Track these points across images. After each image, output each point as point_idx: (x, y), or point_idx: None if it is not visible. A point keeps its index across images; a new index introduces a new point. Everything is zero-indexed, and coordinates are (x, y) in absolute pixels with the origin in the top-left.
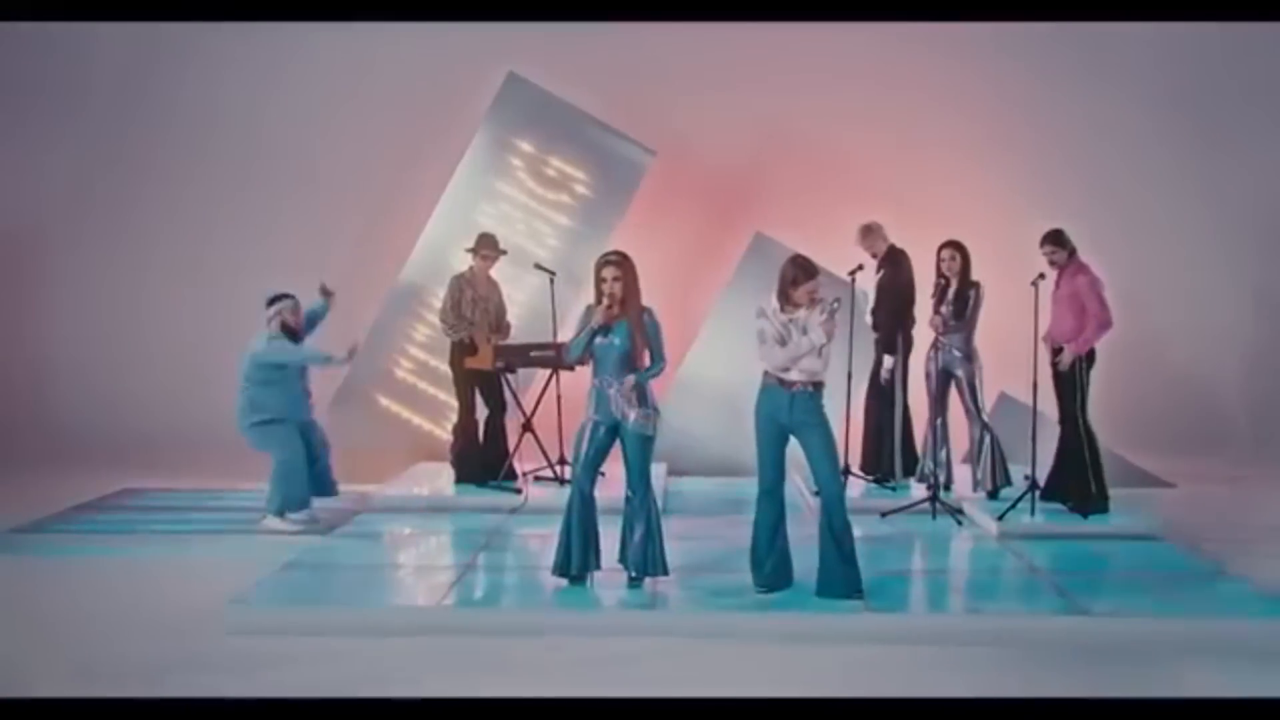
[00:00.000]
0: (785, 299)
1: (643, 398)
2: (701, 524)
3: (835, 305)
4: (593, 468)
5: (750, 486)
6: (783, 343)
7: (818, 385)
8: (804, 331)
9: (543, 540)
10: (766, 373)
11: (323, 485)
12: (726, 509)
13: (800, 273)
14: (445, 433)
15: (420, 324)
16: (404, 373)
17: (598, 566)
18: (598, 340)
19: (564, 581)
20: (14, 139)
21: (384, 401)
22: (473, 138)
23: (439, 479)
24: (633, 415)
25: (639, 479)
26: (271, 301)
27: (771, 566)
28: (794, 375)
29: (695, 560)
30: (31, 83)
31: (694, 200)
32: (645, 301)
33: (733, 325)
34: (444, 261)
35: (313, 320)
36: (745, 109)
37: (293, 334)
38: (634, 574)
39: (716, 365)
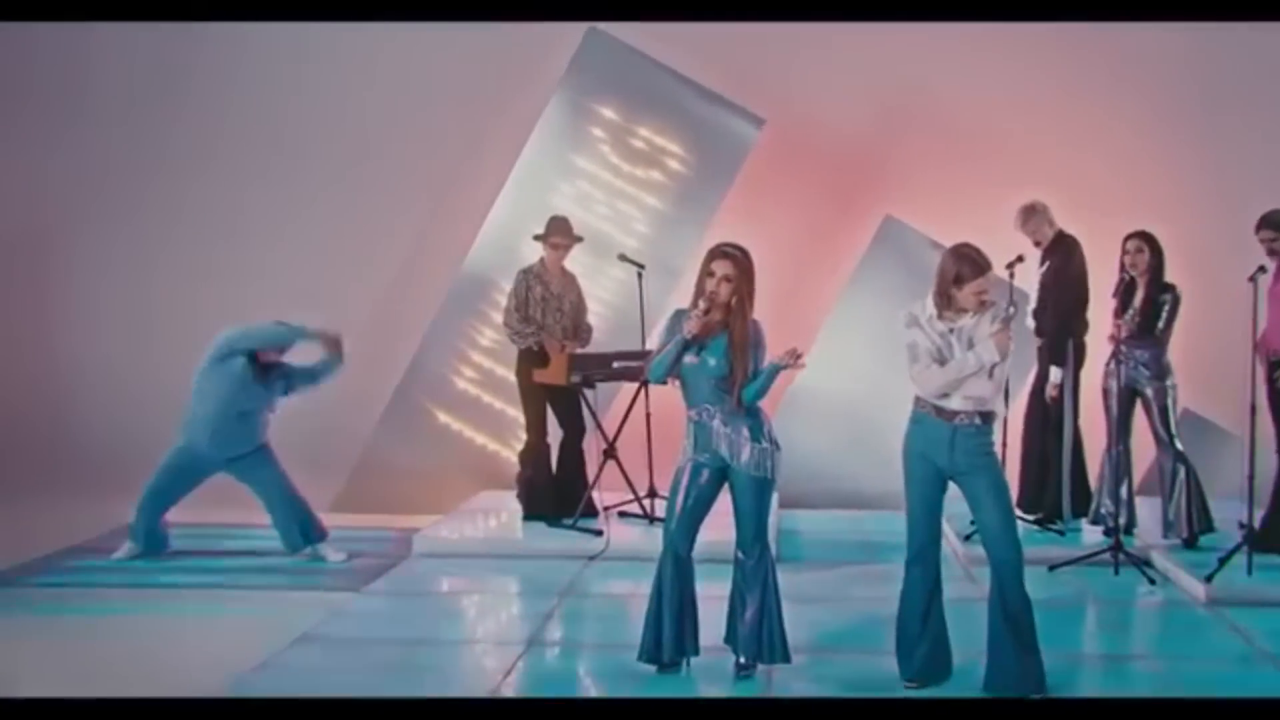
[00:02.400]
0: (946, 302)
1: (757, 430)
2: (824, 578)
3: (1011, 311)
4: (692, 524)
5: (880, 522)
6: (941, 360)
7: (987, 417)
8: (969, 345)
9: (629, 601)
10: (919, 400)
11: None
12: (853, 555)
13: (966, 268)
14: (514, 455)
15: (485, 325)
16: (465, 383)
17: (696, 651)
18: (687, 358)
19: (654, 669)
20: (55, 139)
21: (442, 417)
22: (546, 105)
23: (503, 514)
24: (745, 454)
25: (754, 537)
26: None
27: (924, 654)
28: (956, 403)
29: (821, 634)
30: (90, 80)
31: (810, 178)
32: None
33: (855, 328)
34: (512, 251)
35: (309, 377)
36: (871, 69)
37: (264, 369)
38: (745, 661)
39: (836, 377)
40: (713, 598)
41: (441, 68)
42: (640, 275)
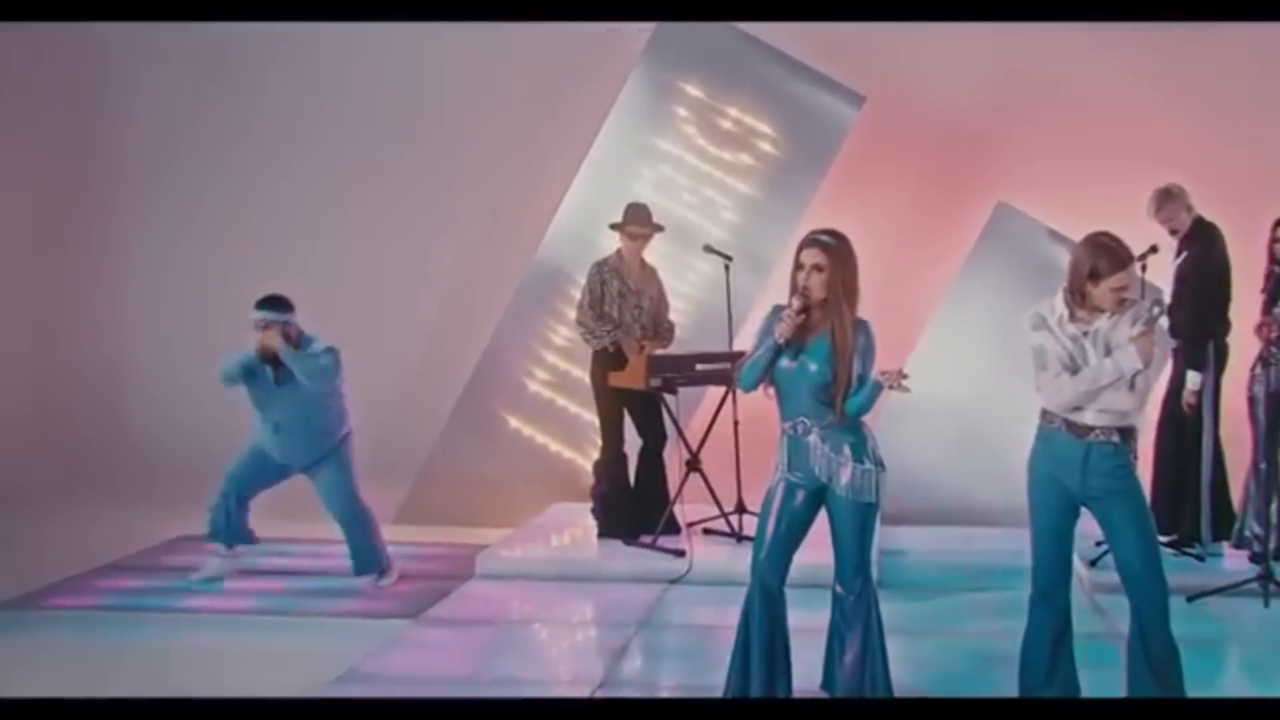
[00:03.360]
0: (1079, 301)
1: (859, 448)
2: (932, 608)
3: (1156, 311)
4: (783, 552)
5: (994, 541)
6: (1074, 368)
7: (1126, 433)
8: (1106, 351)
9: (713, 635)
10: (1047, 414)
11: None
12: (965, 580)
13: (1104, 261)
14: (590, 464)
15: (559, 322)
16: (538, 385)
17: (788, 694)
18: (783, 362)
19: None
20: (122, 134)
21: (512, 422)
22: (625, 81)
23: (576, 531)
24: (845, 475)
25: (854, 570)
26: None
27: None
28: (1090, 417)
29: (931, 675)
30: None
31: (915, 161)
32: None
33: (965, 326)
34: (589, 241)
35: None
36: (982, 40)
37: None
38: None
39: (943, 379)
40: (808, 630)
41: (511, 43)
42: (728, 268)
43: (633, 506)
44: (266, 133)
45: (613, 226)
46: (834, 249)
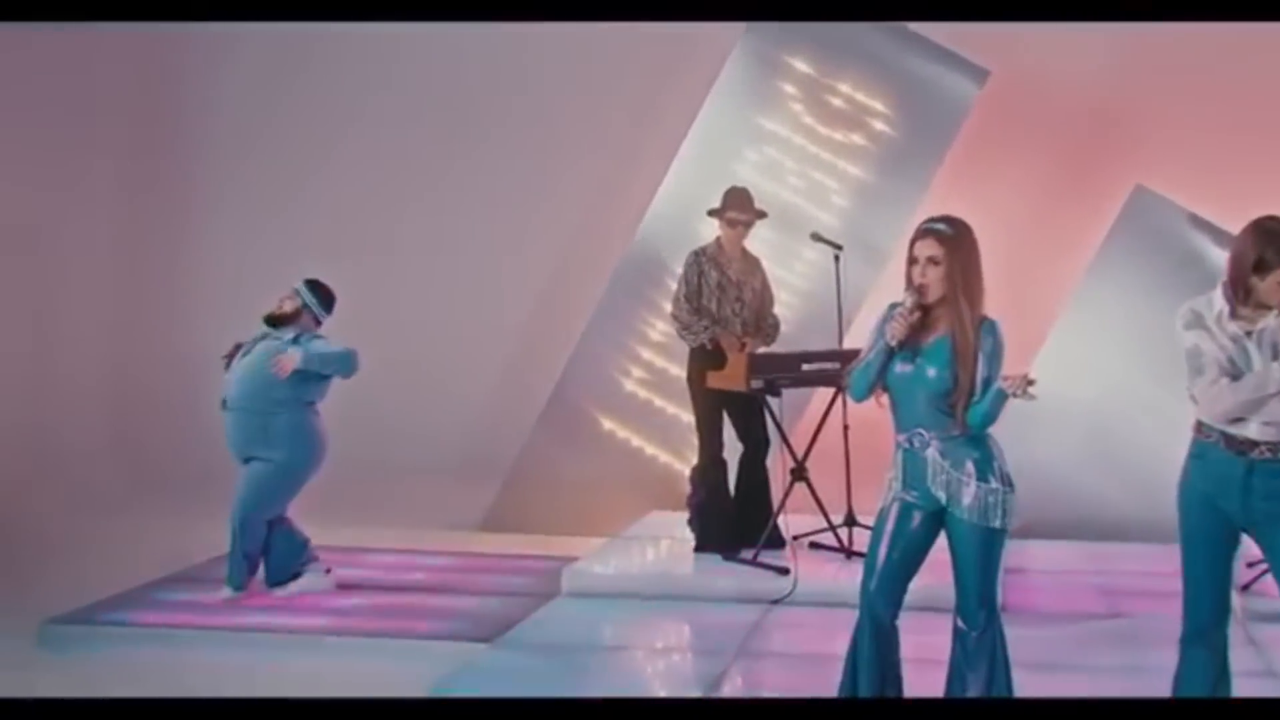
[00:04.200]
0: (1243, 296)
1: (985, 464)
2: (1062, 636)
3: None
4: (896, 582)
5: (1130, 558)
6: (1235, 374)
7: None
8: (1275, 354)
9: (819, 665)
10: (1202, 426)
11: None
12: (1099, 604)
13: (1273, 251)
14: (689, 469)
15: (656, 316)
16: (633, 384)
17: None
18: (897, 367)
19: None
20: (192, 129)
21: (606, 423)
22: (727, 57)
23: (672, 544)
24: (968, 495)
25: (978, 602)
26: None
27: None
28: (1253, 430)
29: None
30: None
31: (1043, 142)
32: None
33: (1098, 321)
34: (689, 228)
35: None
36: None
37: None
38: None
39: (1074, 380)
40: (924, 660)
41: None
42: (838, 258)
43: (732, 518)
44: (355, 129)
45: (711, 213)
46: (952, 239)
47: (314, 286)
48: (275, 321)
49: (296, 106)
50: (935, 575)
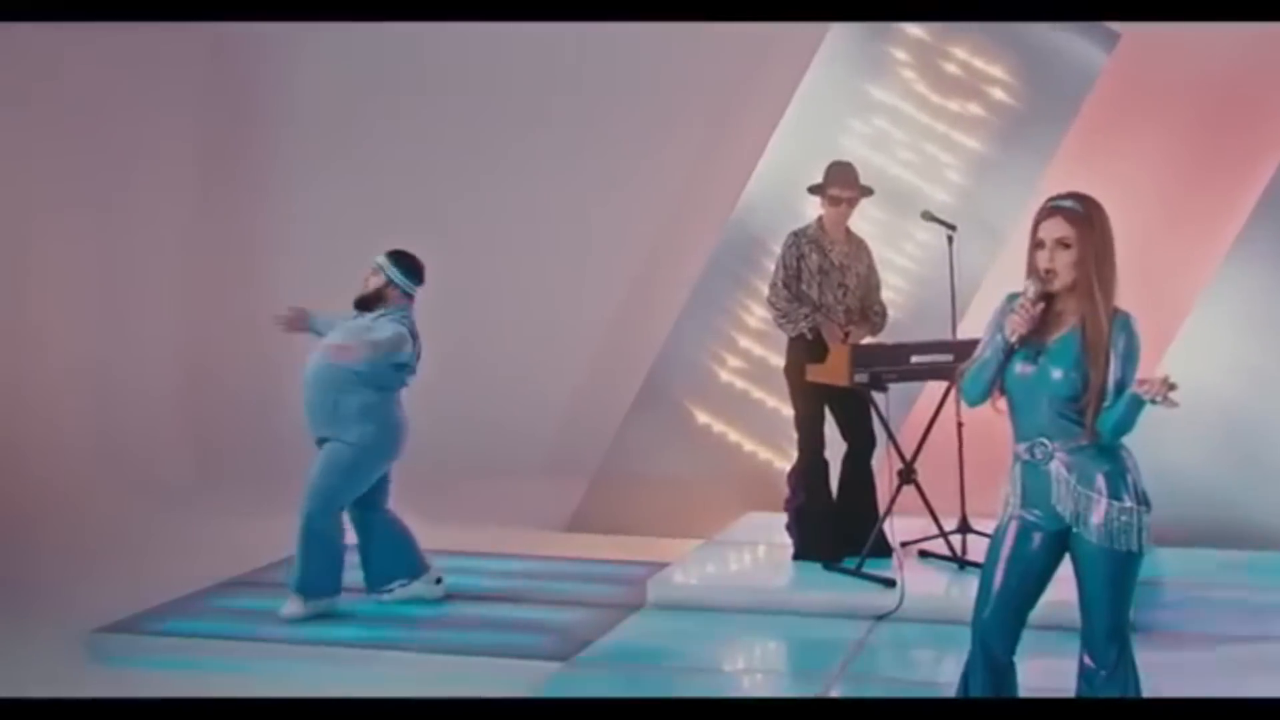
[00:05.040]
0: None
1: (1118, 479)
2: (1202, 660)
3: None
4: (1013, 611)
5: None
6: None
7: None
8: None
9: (931, 690)
10: None
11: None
12: (1243, 623)
13: None
14: (790, 465)
15: (755, 301)
16: (730, 374)
17: None
18: (1016, 367)
19: None
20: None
21: (700, 416)
22: (831, 21)
23: (768, 550)
24: (1098, 514)
25: (1107, 635)
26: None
27: None
28: None
29: None
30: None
31: (1178, 112)
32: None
33: (1239, 309)
34: (790, 206)
35: None
36: None
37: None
38: None
39: (1212, 372)
40: (1044, 690)
41: None
42: (951, 239)
43: (834, 523)
44: (440, 116)
45: (812, 189)
46: (1084, 219)
47: (397, 258)
48: (363, 304)
49: (383, 92)
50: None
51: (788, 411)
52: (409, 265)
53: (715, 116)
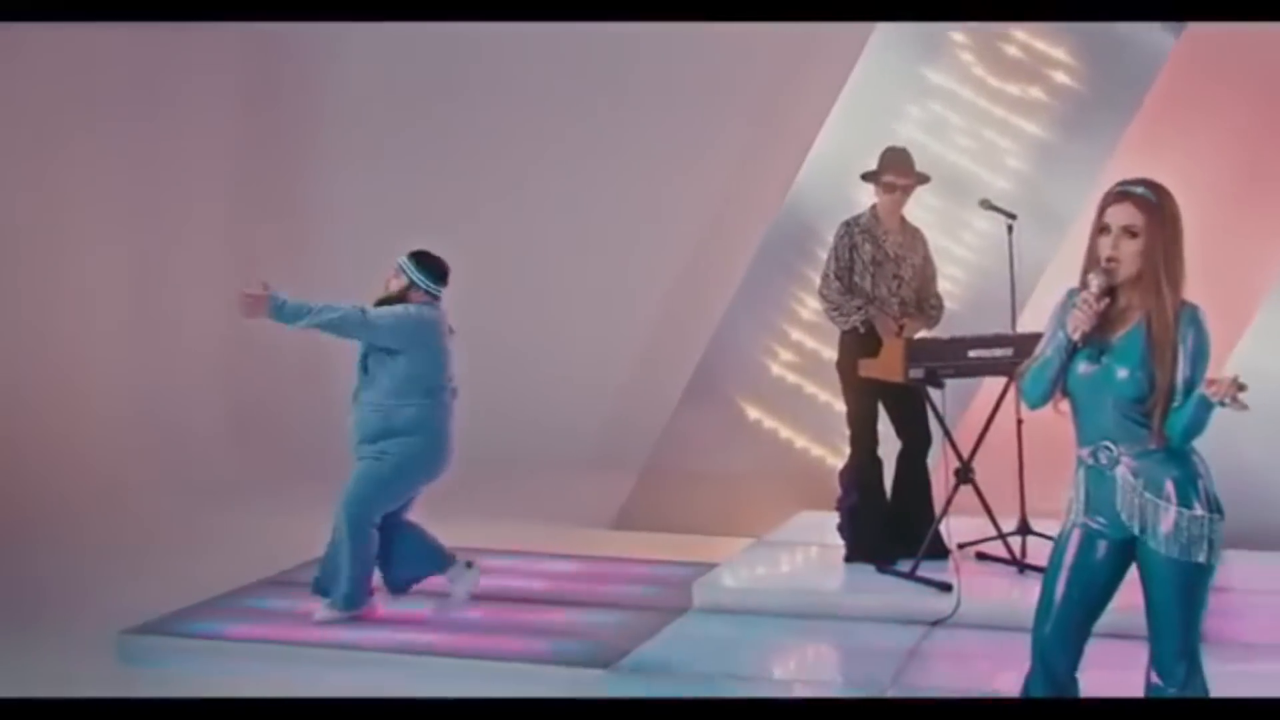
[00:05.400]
0: None
1: (1187, 486)
2: (1275, 671)
3: None
4: (1076, 626)
5: None
6: None
7: None
8: None
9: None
10: None
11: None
12: None
13: None
14: (838, 460)
15: (807, 292)
16: (781, 368)
17: None
18: (1079, 366)
19: None
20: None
21: (751, 411)
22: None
23: (820, 551)
24: (1167, 523)
25: (1176, 651)
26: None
27: None
28: None
29: None
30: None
31: (1249, 96)
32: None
33: None
34: (844, 194)
35: None
36: None
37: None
38: None
39: None
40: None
41: None
42: (1011, 228)
43: (888, 524)
44: (485, 106)
45: (865, 176)
46: (1154, 206)
47: (419, 259)
48: (386, 305)
49: (427, 90)
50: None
51: (841, 407)
52: (431, 266)
53: (766, 102)
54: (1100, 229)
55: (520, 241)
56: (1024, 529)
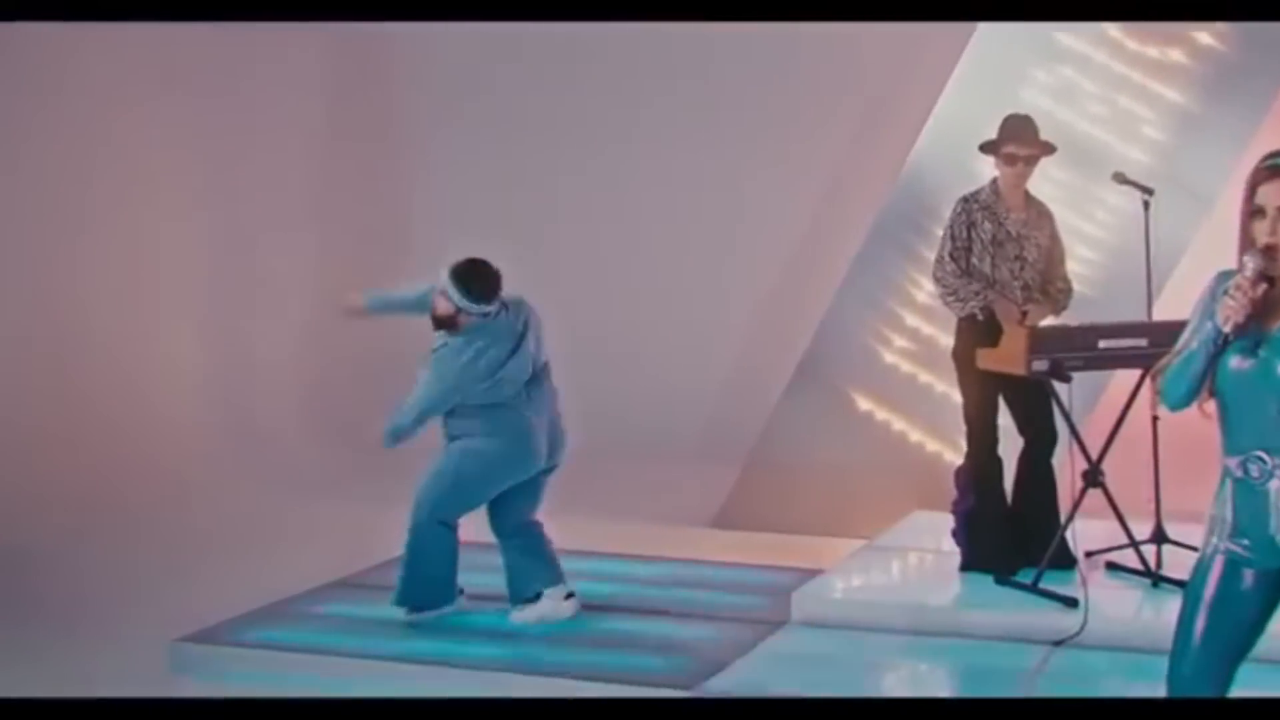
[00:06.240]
0: None
1: None
2: None
3: None
4: (1217, 662)
5: None
6: None
7: None
8: None
9: None
10: None
11: None
12: None
13: None
14: (957, 456)
15: (923, 273)
16: (894, 355)
17: None
18: (1230, 361)
19: None
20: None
21: (862, 403)
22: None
23: (934, 559)
24: None
25: None
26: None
27: None
28: None
29: None
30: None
31: None
32: None
33: None
34: (964, 166)
35: None
36: None
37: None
38: None
39: None
40: None
41: None
42: (1148, 205)
43: (1008, 530)
44: (589, 108)
45: (984, 147)
46: None
47: (458, 278)
48: (439, 325)
49: (522, 80)
50: None
51: (959, 398)
52: (472, 287)
53: (881, 67)
54: (1253, 211)
55: (619, 226)
56: (1159, 537)
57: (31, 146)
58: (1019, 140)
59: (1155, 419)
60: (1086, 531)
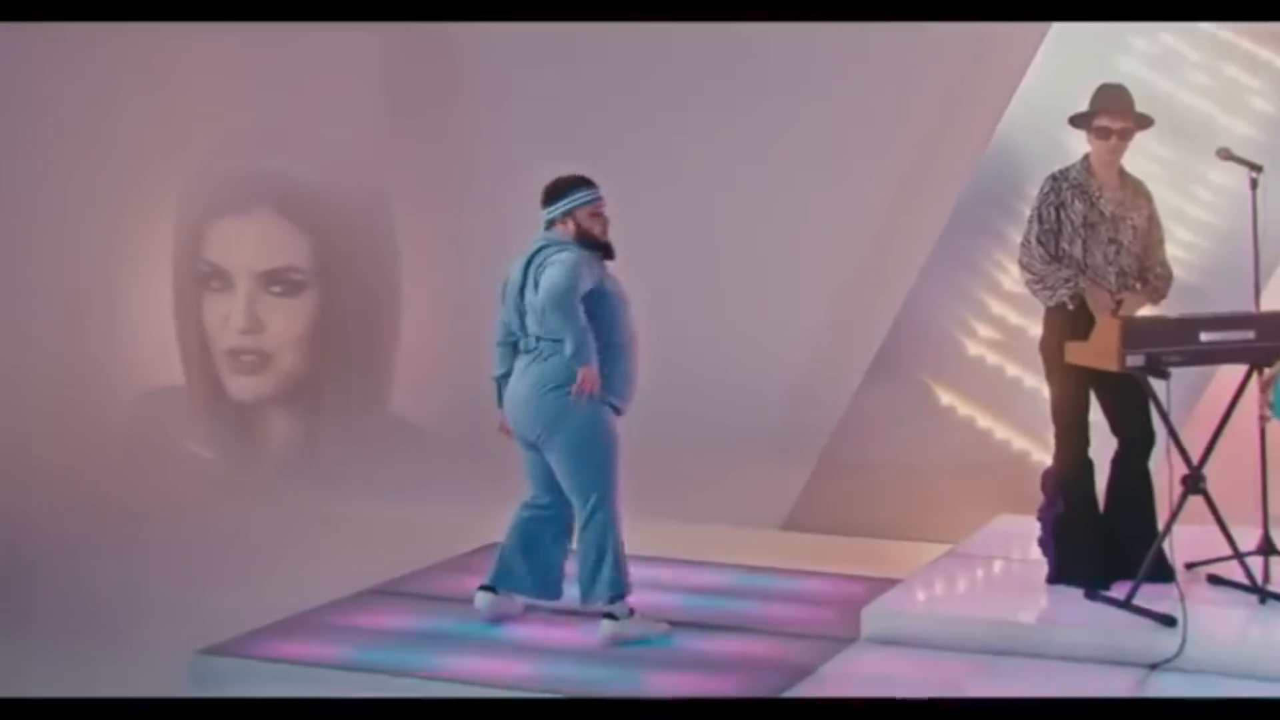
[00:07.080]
0: None
1: None
2: None
3: None
4: None
5: None
6: None
7: None
8: None
9: None
10: None
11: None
12: None
13: None
14: (1046, 456)
15: (1009, 258)
16: (979, 346)
17: None
18: None
19: None
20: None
21: (943, 397)
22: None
23: (1020, 569)
24: None
25: None
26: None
27: None
28: None
29: None
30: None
31: None
32: None
33: None
34: (1056, 141)
35: None
36: None
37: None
38: None
39: None
40: None
41: None
42: (1256, 183)
43: (1100, 540)
44: (664, 107)
45: (1074, 120)
46: None
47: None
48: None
49: (612, 79)
50: None
51: (1048, 394)
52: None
53: (967, 33)
54: None
55: (690, 223)
56: (1267, 548)
57: (31, 145)
58: (1113, 112)
59: (1262, 419)
60: (1186, 541)
